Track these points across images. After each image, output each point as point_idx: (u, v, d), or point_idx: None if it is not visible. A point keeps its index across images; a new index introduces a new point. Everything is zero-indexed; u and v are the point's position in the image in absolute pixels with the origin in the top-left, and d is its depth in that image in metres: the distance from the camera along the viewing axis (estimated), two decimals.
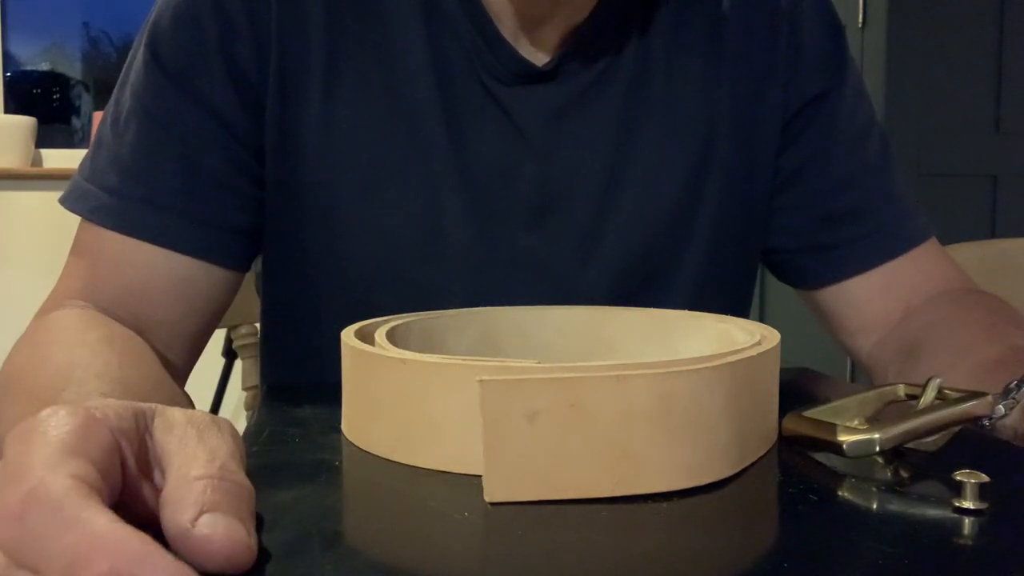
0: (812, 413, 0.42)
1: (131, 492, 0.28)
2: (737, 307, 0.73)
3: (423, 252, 0.63)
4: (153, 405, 0.31)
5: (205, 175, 0.61)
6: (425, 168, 0.63)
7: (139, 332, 0.57)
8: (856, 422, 0.41)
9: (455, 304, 0.56)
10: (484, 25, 0.63)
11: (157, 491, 0.28)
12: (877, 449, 0.37)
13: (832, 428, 0.38)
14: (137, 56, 0.63)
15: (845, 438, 0.38)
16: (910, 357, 0.64)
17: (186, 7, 0.61)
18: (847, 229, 0.70)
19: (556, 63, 0.64)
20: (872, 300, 0.70)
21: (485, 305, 0.55)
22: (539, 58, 0.64)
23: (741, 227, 0.70)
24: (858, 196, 0.71)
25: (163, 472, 0.29)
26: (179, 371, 0.63)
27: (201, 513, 0.26)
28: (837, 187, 0.71)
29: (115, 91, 0.64)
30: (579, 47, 0.64)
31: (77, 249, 0.62)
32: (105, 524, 0.24)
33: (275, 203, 0.65)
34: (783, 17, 0.69)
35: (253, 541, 0.27)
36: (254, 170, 0.64)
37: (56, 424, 0.27)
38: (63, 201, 0.62)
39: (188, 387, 0.60)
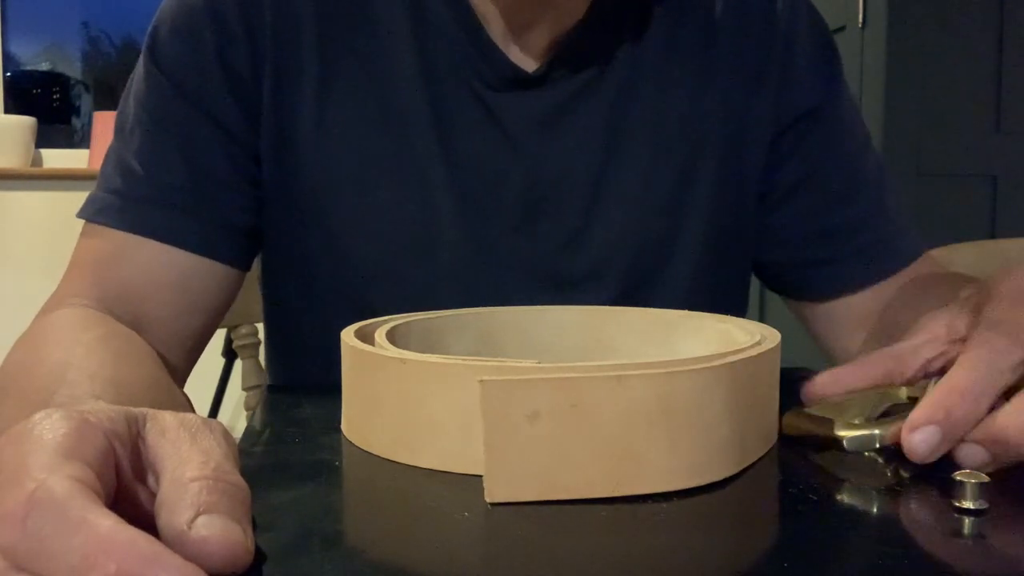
0: (812, 410, 0.42)
1: (125, 496, 0.28)
2: (731, 314, 0.73)
3: (417, 253, 0.64)
4: (145, 410, 0.31)
5: (207, 175, 0.63)
6: (417, 171, 0.64)
7: (139, 331, 0.58)
8: (857, 421, 0.41)
9: (449, 303, 0.56)
10: (473, 31, 0.64)
11: (151, 495, 0.28)
12: (877, 445, 0.37)
13: (831, 423, 0.38)
14: (139, 66, 0.65)
15: (844, 433, 0.38)
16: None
17: (184, 17, 0.63)
18: (843, 245, 0.70)
19: (545, 69, 0.64)
20: (866, 315, 0.70)
21: (478, 304, 0.56)
22: (528, 64, 0.65)
23: (731, 235, 0.70)
24: (854, 212, 0.71)
25: (156, 476, 0.28)
26: (178, 371, 0.63)
27: (198, 515, 0.26)
28: (833, 203, 0.71)
29: (120, 103, 0.66)
30: (569, 53, 0.65)
31: (80, 250, 0.63)
32: (111, 526, 0.24)
33: (272, 205, 0.66)
34: (778, 30, 0.69)
35: (250, 542, 0.27)
36: (253, 172, 0.65)
37: (50, 427, 0.27)
38: (78, 214, 0.64)
39: (188, 387, 0.60)
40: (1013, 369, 0.37)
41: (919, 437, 0.36)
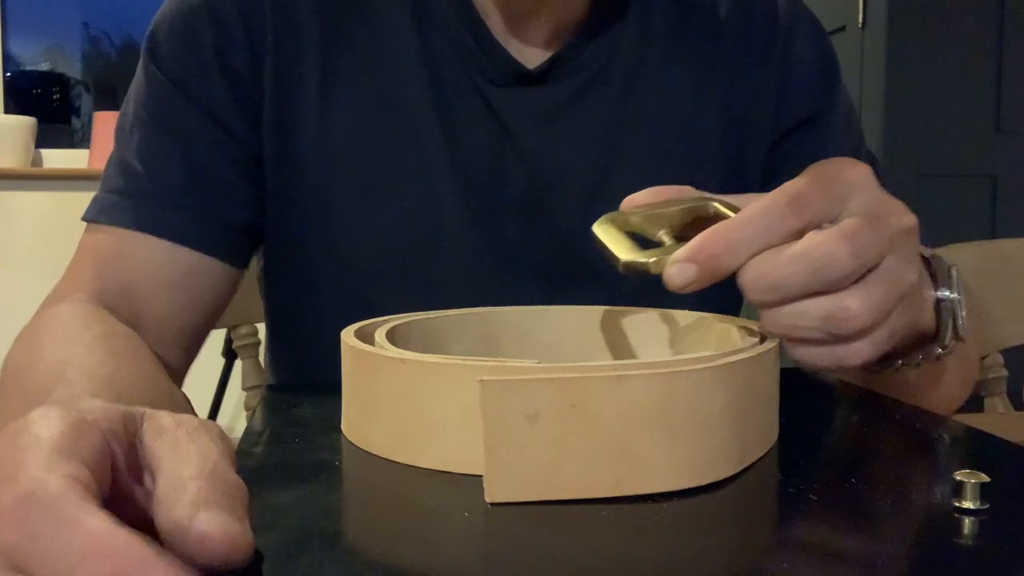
0: (632, 215, 0.45)
1: (120, 495, 0.28)
2: (734, 313, 0.73)
3: (419, 249, 0.64)
4: (142, 409, 0.31)
5: (207, 173, 0.63)
6: (419, 167, 0.64)
7: (137, 328, 0.58)
8: (662, 232, 0.44)
9: (452, 299, 0.56)
10: (475, 26, 0.64)
11: (147, 495, 0.28)
12: (650, 272, 0.41)
13: (624, 245, 0.42)
14: (139, 67, 0.65)
15: (626, 257, 0.41)
16: None
17: (183, 18, 0.63)
18: None
19: (547, 66, 0.65)
20: None
21: (481, 300, 0.56)
22: (531, 59, 0.65)
23: None
24: None
25: (153, 475, 0.28)
26: (176, 369, 0.63)
27: (197, 511, 0.26)
28: None
29: (122, 105, 0.66)
30: (571, 51, 0.65)
31: (81, 248, 0.64)
32: (106, 526, 0.24)
33: (274, 204, 0.66)
34: (779, 37, 0.70)
35: (250, 537, 0.26)
36: (253, 170, 0.65)
37: (48, 425, 0.27)
38: (83, 217, 0.64)
39: (187, 387, 0.60)
40: (783, 236, 0.39)
41: (676, 270, 0.41)
